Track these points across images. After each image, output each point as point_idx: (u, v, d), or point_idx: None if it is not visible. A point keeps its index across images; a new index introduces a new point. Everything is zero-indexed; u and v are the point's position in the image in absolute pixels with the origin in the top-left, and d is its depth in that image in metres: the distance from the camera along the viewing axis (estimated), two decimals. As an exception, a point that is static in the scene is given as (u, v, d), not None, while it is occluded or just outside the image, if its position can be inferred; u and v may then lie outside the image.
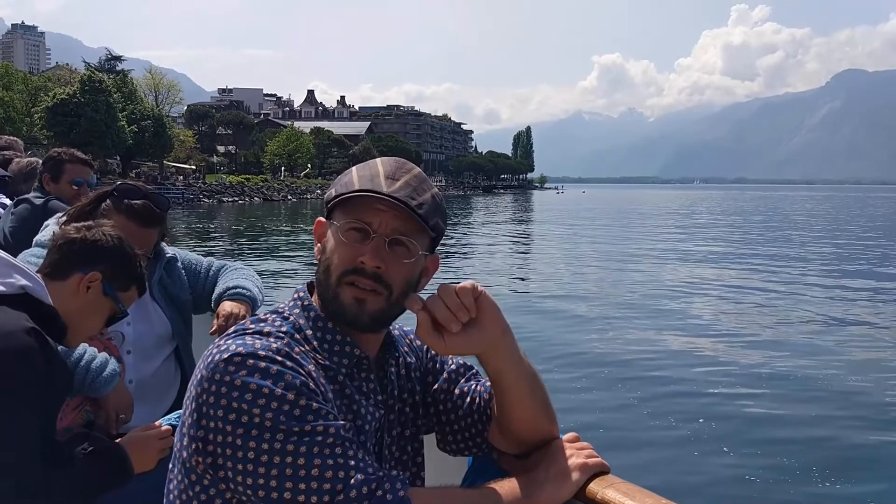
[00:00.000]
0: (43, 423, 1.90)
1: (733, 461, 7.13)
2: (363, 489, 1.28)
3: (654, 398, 9.23)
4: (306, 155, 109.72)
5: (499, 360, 1.51)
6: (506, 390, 1.55)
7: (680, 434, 7.92)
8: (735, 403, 9.00)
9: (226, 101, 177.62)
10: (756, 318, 14.79)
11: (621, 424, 8.31)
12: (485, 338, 1.46)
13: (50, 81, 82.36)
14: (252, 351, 1.34)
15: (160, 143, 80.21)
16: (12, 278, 1.98)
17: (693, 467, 7.02)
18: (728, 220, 58.77)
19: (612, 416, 8.58)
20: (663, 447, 7.61)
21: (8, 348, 1.80)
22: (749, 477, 6.76)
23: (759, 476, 6.78)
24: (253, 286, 2.98)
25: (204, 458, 1.33)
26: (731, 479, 6.77)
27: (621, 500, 1.46)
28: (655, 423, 8.29)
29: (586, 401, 9.16)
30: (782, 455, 7.21)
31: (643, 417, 8.49)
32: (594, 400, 9.22)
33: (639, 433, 8.04)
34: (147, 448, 2.12)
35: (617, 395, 9.43)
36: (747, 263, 24.98)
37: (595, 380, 10.10)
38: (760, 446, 7.50)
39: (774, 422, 8.28)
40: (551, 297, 17.43)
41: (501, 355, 1.51)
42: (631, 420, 8.46)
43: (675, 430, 8.07)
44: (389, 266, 1.43)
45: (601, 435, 7.57)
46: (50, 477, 1.86)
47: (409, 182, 1.45)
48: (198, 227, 44.68)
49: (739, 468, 6.96)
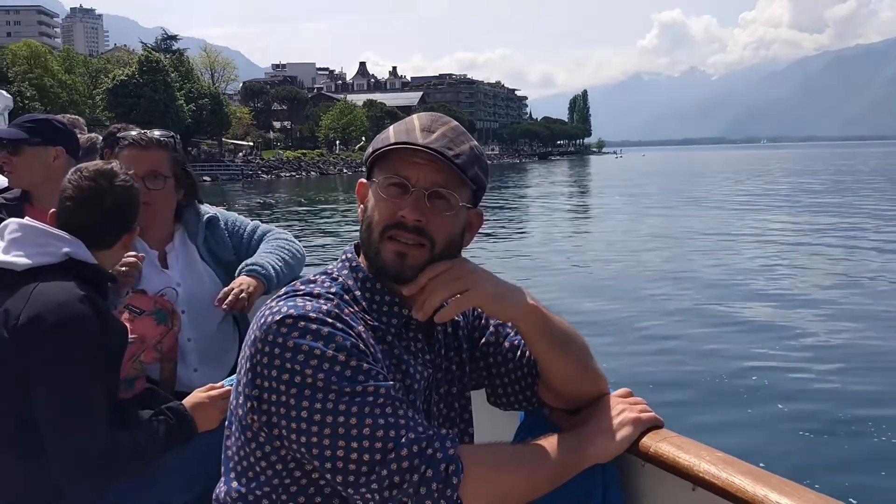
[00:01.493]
0: (106, 385, 2.00)
1: (792, 426, 7.06)
2: (413, 448, 1.30)
3: (711, 358, 9.19)
4: (360, 128, 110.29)
5: (507, 319, 1.59)
6: (536, 352, 1.59)
7: (738, 396, 7.84)
8: (799, 370, 8.81)
9: (280, 77, 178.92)
10: (833, 283, 14.18)
11: (677, 382, 8.29)
12: (473, 301, 1.51)
13: (109, 63, 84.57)
14: (303, 313, 1.36)
15: (218, 121, 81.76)
16: (53, 247, 2.04)
17: (752, 429, 6.98)
18: (810, 180, 55.95)
19: (667, 375, 8.56)
20: (719, 406, 7.59)
21: (65, 319, 1.88)
22: (807, 435, 6.78)
23: (815, 438, 6.76)
24: (277, 262, 2.81)
25: (259, 417, 1.37)
26: (789, 440, 6.74)
27: (675, 454, 1.44)
28: (711, 382, 8.24)
29: (641, 360, 9.22)
30: (840, 418, 7.16)
31: (699, 377, 8.44)
32: (649, 359, 9.22)
33: (694, 392, 8.00)
34: (210, 408, 2.16)
35: (673, 356, 9.41)
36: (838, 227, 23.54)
37: (652, 340, 10.16)
38: (820, 412, 7.43)
39: (835, 391, 8.06)
40: (612, 262, 17.29)
41: (508, 315, 1.55)
42: (686, 379, 8.43)
43: (731, 391, 7.99)
44: (430, 219, 1.43)
45: (655, 391, 7.55)
46: (117, 439, 1.94)
47: (446, 133, 1.44)
48: (258, 201, 45.42)
49: (795, 430, 6.94)
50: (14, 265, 1.98)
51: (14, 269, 1.98)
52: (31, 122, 3.34)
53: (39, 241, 2.03)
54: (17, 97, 54.16)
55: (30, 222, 2.10)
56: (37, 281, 1.96)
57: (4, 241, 2.05)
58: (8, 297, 1.96)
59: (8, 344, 1.89)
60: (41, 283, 1.95)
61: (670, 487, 1.48)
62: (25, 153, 3.23)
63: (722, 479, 1.35)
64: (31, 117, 3.42)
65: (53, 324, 1.87)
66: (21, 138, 3.24)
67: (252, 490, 1.42)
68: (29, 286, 1.94)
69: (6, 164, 3.31)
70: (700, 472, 1.39)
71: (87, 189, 2.12)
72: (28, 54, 69.14)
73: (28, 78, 66.29)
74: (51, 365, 1.87)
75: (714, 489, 1.36)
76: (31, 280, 1.96)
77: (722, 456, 1.42)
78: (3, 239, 2.06)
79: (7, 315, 1.91)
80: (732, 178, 63.38)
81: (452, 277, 1.45)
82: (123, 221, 2.18)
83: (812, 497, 1.24)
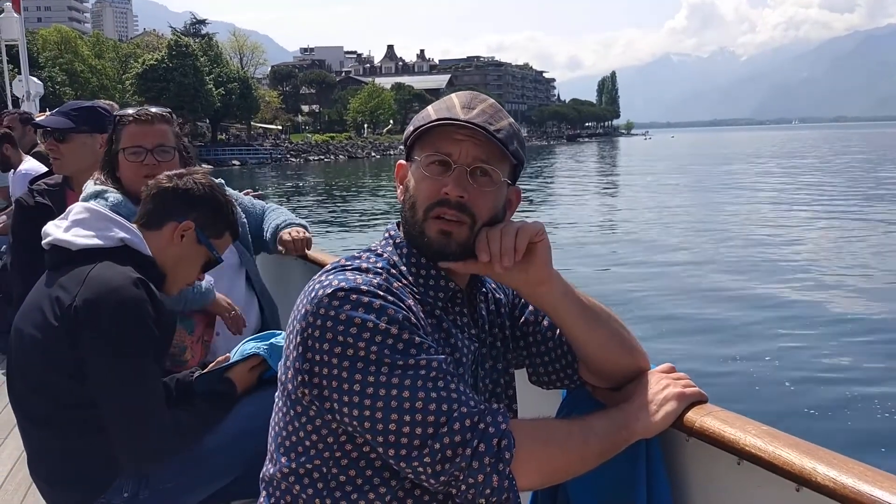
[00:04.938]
0: (159, 366, 2.06)
1: (835, 401, 7.09)
2: (466, 422, 1.30)
3: (755, 335, 9.28)
4: (388, 111, 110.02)
5: (542, 301, 1.53)
6: (563, 328, 1.58)
7: (783, 372, 7.87)
8: (844, 347, 8.82)
9: (308, 61, 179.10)
10: (868, 263, 14.30)
11: (720, 357, 8.32)
12: (525, 278, 1.47)
13: (139, 48, 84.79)
14: (354, 286, 1.35)
15: (247, 105, 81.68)
16: (112, 232, 2.07)
17: (797, 403, 7.02)
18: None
19: (712, 350, 8.61)
20: (764, 381, 7.60)
21: (120, 301, 1.90)
22: (853, 412, 6.80)
23: (861, 414, 6.77)
24: (297, 218, 3.49)
25: (310, 391, 1.36)
26: (836, 417, 6.75)
27: (720, 428, 1.42)
28: (756, 358, 8.26)
29: (685, 336, 9.33)
30: (886, 390, 7.19)
31: (743, 353, 8.45)
32: (693, 336, 9.33)
33: (738, 368, 8.01)
34: (249, 377, 2.29)
35: (718, 332, 9.48)
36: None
37: (694, 317, 10.32)
38: (865, 384, 7.49)
39: (881, 370, 8.02)
40: (646, 243, 17.35)
41: (544, 297, 1.51)
42: (730, 354, 8.42)
43: (776, 367, 8.01)
44: (473, 195, 1.42)
45: (700, 368, 7.56)
46: (176, 416, 2.03)
47: (486, 110, 1.44)
48: (288, 185, 45.23)
49: (841, 407, 6.96)
50: (70, 244, 2.03)
51: (70, 249, 2.02)
52: (77, 110, 3.40)
53: (99, 224, 2.08)
54: (48, 82, 54.68)
55: (96, 206, 2.18)
56: (92, 264, 1.99)
57: (68, 221, 2.10)
58: (60, 277, 1.99)
59: (57, 331, 1.91)
60: (97, 266, 1.98)
61: (715, 462, 1.46)
62: (73, 141, 3.31)
63: (769, 453, 1.32)
64: (77, 105, 3.48)
65: (111, 305, 1.89)
66: (69, 127, 3.30)
67: (302, 464, 1.41)
68: (84, 268, 1.97)
69: (53, 151, 3.37)
70: (746, 446, 1.37)
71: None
72: (58, 39, 69.48)
73: (59, 63, 66.58)
74: (110, 346, 1.90)
75: (760, 462, 1.34)
76: (85, 262, 1.99)
77: (767, 429, 1.39)
78: (68, 219, 2.11)
79: (59, 302, 1.92)
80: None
81: (521, 226, 1.44)
82: (177, 207, 2.22)
83: (860, 469, 1.21)
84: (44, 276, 2.08)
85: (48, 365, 1.95)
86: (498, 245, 1.41)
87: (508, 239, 1.41)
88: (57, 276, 2.00)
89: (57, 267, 2.03)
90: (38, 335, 1.95)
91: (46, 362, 1.95)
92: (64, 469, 2.00)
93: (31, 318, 1.99)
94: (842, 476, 1.20)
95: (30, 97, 11.00)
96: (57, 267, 2.03)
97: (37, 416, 2.01)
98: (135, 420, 1.93)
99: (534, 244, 1.44)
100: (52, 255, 2.06)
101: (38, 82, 11.99)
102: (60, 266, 2.02)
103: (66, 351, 1.91)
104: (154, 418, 1.95)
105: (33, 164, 5.22)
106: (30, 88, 11.00)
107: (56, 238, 2.05)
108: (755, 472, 1.36)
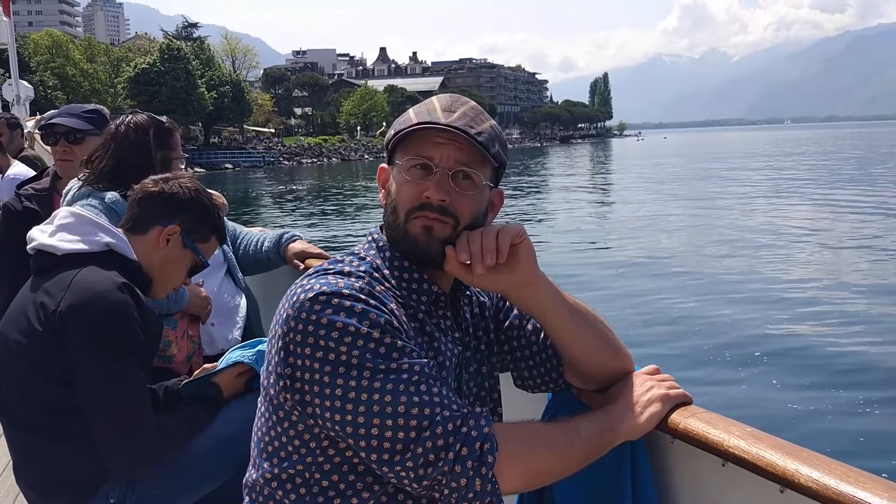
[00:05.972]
0: (145, 371, 2.06)
1: (819, 403, 7.10)
2: (448, 426, 1.30)
3: (740, 337, 9.28)
4: (381, 113, 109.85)
5: (529, 304, 1.52)
6: (549, 330, 1.58)
7: (767, 373, 7.89)
8: (827, 343, 8.93)
9: (300, 64, 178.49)
10: (857, 263, 14.47)
11: (704, 359, 8.34)
12: (512, 281, 1.46)
13: (130, 52, 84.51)
14: (336, 290, 1.34)
15: (239, 108, 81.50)
16: (97, 236, 2.06)
17: (781, 405, 7.03)
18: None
19: (695, 352, 8.63)
20: (748, 383, 7.63)
21: (105, 305, 1.90)
22: (835, 410, 6.85)
23: (844, 413, 6.82)
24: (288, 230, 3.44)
25: (292, 395, 1.35)
26: (817, 416, 6.78)
27: (705, 429, 1.43)
28: (740, 360, 8.29)
29: (669, 337, 9.36)
30: (869, 393, 7.22)
31: (727, 355, 8.46)
32: (678, 337, 9.36)
33: (722, 369, 8.04)
34: (236, 383, 2.30)
35: (702, 334, 9.48)
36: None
37: (679, 319, 10.32)
38: (848, 386, 7.50)
39: (866, 366, 8.14)
40: (637, 242, 17.45)
41: (531, 299, 1.50)
42: (714, 356, 8.44)
43: (760, 369, 8.02)
44: (454, 199, 1.42)
45: (682, 369, 7.58)
46: (162, 420, 2.03)
47: (466, 112, 1.44)
48: (280, 188, 45.14)
49: (825, 405, 7.02)
50: (55, 249, 2.02)
51: (54, 254, 2.01)
52: (89, 112, 3.44)
53: (85, 229, 2.06)
54: (40, 86, 54.43)
55: (81, 211, 2.16)
56: (78, 269, 1.98)
57: (53, 226, 2.09)
58: (45, 282, 1.98)
59: (43, 336, 1.91)
60: (82, 270, 1.97)
61: (700, 463, 1.47)
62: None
63: (753, 454, 1.33)
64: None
65: (96, 310, 1.89)
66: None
67: (284, 469, 1.40)
68: (69, 273, 1.97)
69: (66, 153, 3.37)
70: (730, 448, 1.37)
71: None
72: (50, 43, 69.22)
73: (50, 67, 66.35)
74: (95, 350, 1.89)
75: (744, 464, 1.35)
76: (70, 267, 1.99)
77: (751, 431, 1.40)
78: (53, 224, 2.10)
79: (43, 307, 1.92)
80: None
81: (501, 228, 1.44)
82: (163, 211, 2.22)
83: (843, 470, 1.22)
84: (29, 282, 2.07)
85: (34, 370, 1.94)
86: (478, 245, 1.40)
87: (489, 239, 1.40)
88: (42, 281, 1.98)
89: (42, 272, 2.02)
90: (23, 340, 1.94)
91: (32, 368, 1.94)
92: (50, 475, 2.00)
93: (16, 323, 1.98)
94: (825, 477, 1.21)
95: (20, 101, 11.00)
96: (42, 272, 2.02)
97: (22, 422, 2.00)
98: (121, 423, 1.92)
99: (516, 246, 1.43)
100: (38, 260, 2.05)
101: (29, 86, 11.98)
102: (45, 271, 2.00)
103: (51, 356, 1.90)
104: (141, 421, 1.95)
105: (21, 169, 5.20)
106: (20, 92, 10.99)
107: (41, 243, 2.04)
108: (739, 474, 1.37)
